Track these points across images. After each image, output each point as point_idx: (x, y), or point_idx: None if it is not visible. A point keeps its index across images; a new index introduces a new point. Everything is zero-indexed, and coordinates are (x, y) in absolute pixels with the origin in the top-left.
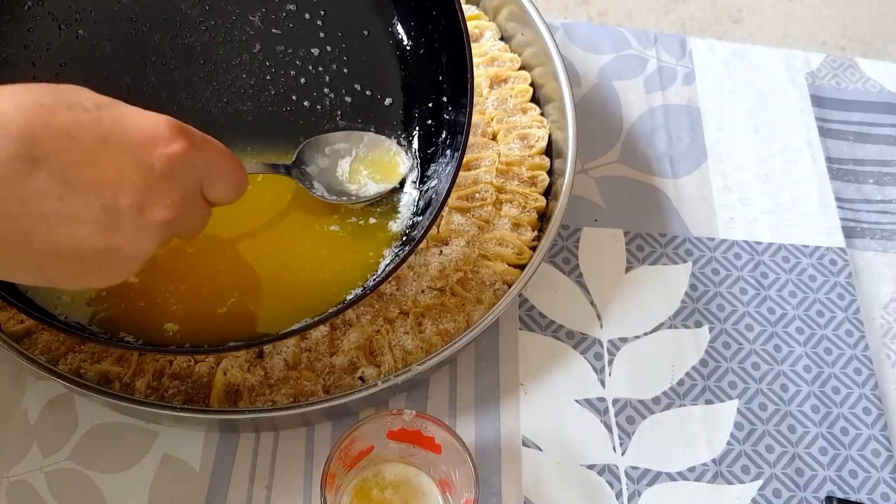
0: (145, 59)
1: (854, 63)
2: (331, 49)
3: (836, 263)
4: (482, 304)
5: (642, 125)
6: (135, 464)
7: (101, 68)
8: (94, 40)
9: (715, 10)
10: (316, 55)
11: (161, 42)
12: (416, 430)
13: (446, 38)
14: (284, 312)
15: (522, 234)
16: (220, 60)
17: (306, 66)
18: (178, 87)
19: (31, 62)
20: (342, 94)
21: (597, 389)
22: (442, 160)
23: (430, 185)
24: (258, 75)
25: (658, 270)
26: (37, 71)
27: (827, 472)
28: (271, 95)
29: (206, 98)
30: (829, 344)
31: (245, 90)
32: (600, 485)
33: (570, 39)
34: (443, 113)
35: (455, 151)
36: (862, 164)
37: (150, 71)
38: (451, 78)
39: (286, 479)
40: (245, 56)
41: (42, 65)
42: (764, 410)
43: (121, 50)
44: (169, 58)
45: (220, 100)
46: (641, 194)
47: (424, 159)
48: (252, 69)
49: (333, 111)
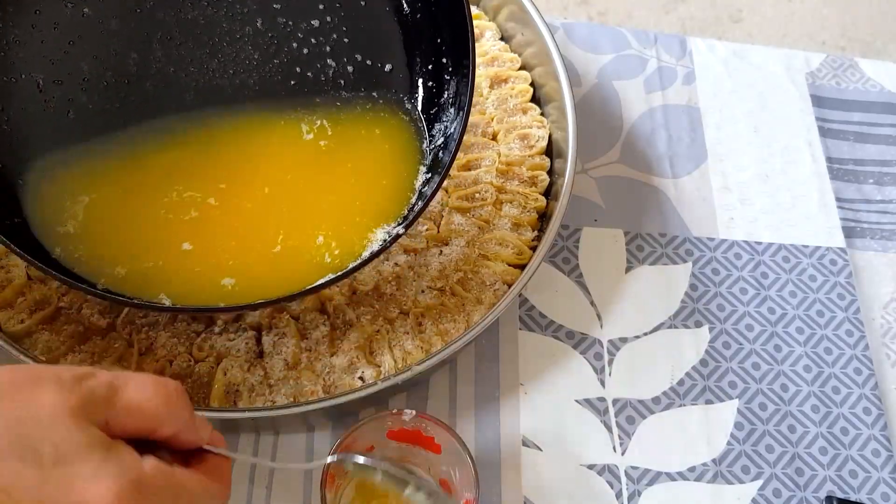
0: (151, 35)
1: (854, 63)
2: (330, 19)
3: (836, 263)
4: (482, 304)
5: (642, 125)
6: None
7: (109, 45)
8: (100, 18)
9: (715, 10)
10: (316, 26)
11: (165, 18)
12: (416, 430)
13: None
14: (321, 254)
15: (522, 234)
16: (224, 34)
17: (308, 37)
18: (185, 60)
19: (41, 41)
20: (344, 62)
21: (597, 389)
22: (446, 118)
23: (436, 143)
24: (262, 48)
25: (658, 270)
26: (46, 49)
27: (827, 472)
28: (275, 66)
29: (212, 70)
30: (829, 344)
31: (250, 62)
32: (600, 485)
33: (571, 39)
34: (443, 74)
35: (460, 110)
36: (862, 164)
37: (157, 46)
38: (451, 38)
39: (286, 479)
40: (248, 28)
41: (50, 44)
42: (764, 410)
43: (127, 27)
44: (174, 33)
45: (227, 71)
46: (641, 194)
47: (428, 119)
48: (255, 42)
49: (336, 80)
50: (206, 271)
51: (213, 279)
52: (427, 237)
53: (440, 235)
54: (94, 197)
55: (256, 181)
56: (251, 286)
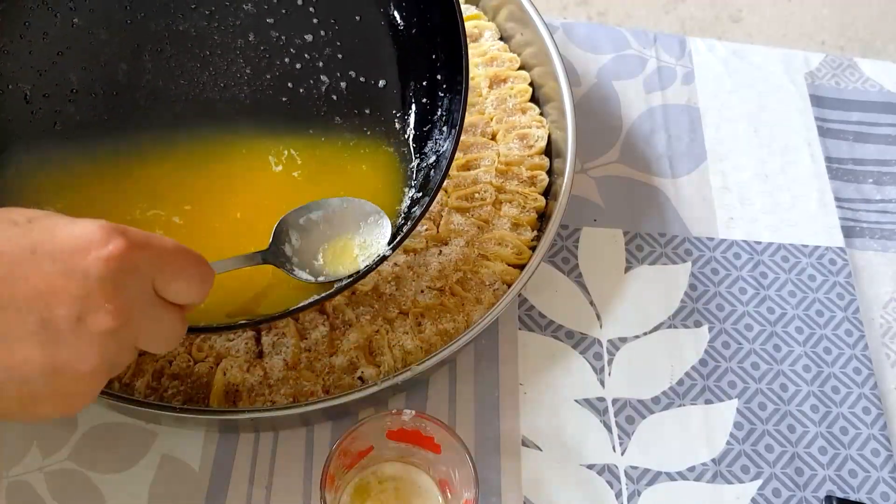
0: (142, 46)
1: (853, 63)
2: (324, 34)
3: (835, 263)
4: (482, 304)
5: (642, 125)
6: (134, 464)
7: (98, 56)
8: (90, 28)
9: (714, 9)
10: (309, 41)
11: (156, 29)
12: (416, 430)
13: (439, 16)
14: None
15: (522, 234)
16: (216, 46)
17: (301, 52)
18: (175, 73)
19: (29, 51)
20: (337, 77)
21: (596, 389)
22: (438, 137)
23: (428, 162)
24: (254, 62)
25: (657, 270)
26: (34, 60)
27: (826, 471)
28: (267, 81)
29: (203, 83)
30: (829, 344)
31: (242, 76)
32: (600, 484)
33: (570, 39)
34: (437, 90)
35: (452, 128)
36: (861, 164)
37: (147, 58)
38: (446, 55)
39: (286, 480)
40: (240, 42)
41: (39, 54)
42: (763, 410)
43: (117, 38)
44: (165, 45)
45: (217, 85)
46: (641, 194)
47: (420, 136)
48: (247, 56)
49: (329, 96)
50: None
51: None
52: (426, 237)
53: (439, 235)
54: (63, 206)
55: (228, 204)
56: (223, 303)
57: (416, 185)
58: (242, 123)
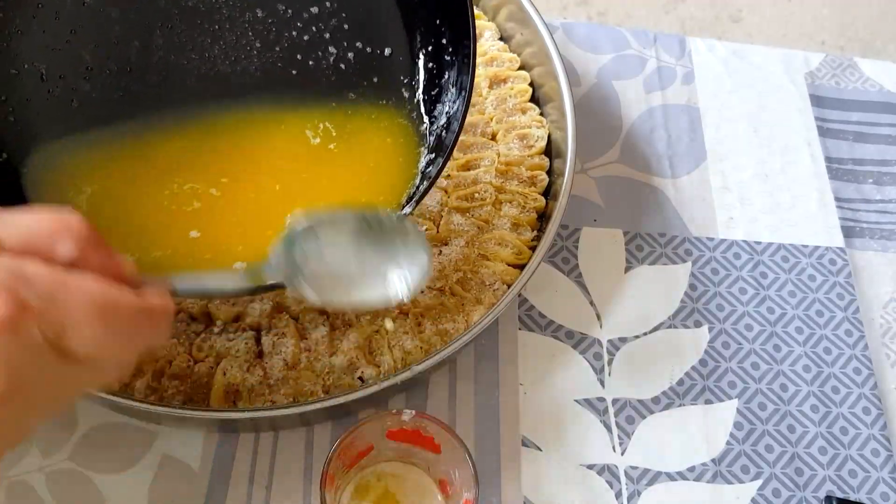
0: (152, 23)
1: (853, 63)
2: (329, 5)
3: (835, 263)
4: (482, 304)
5: (642, 125)
6: (134, 464)
7: (110, 34)
8: (100, 7)
9: (714, 9)
10: (315, 13)
11: (166, 6)
12: (416, 430)
13: None
14: None
15: (522, 234)
16: (224, 21)
17: (308, 24)
18: (186, 48)
19: (42, 31)
20: (344, 47)
21: (596, 389)
22: (447, 99)
23: (439, 124)
24: (262, 35)
25: (657, 270)
26: (48, 39)
27: (826, 471)
28: (276, 54)
29: (213, 57)
30: (829, 344)
31: (251, 49)
32: (600, 484)
33: (570, 39)
34: (444, 54)
35: (462, 90)
36: (861, 164)
37: (158, 34)
38: (451, 18)
39: (286, 480)
40: (248, 16)
41: (52, 34)
42: (763, 410)
43: (127, 15)
44: (175, 21)
45: (228, 58)
46: (641, 194)
47: (429, 100)
48: (256, 29)
49: (337, 65)
50: (216, 257)
51: (225, 264)
52: (426, 237)
53: (439, 235)
54: (97, 188)
55: (260, 175)
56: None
57: (429, 147)
58: (257, 96)
